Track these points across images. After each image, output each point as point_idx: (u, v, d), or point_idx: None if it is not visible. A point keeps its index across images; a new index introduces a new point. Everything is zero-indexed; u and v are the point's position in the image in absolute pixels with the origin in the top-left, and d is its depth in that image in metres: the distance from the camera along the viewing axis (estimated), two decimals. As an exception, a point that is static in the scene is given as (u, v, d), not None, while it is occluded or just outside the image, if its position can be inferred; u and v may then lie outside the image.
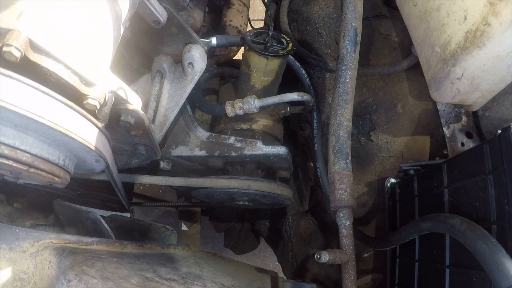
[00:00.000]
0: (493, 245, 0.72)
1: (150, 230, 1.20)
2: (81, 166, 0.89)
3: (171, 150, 1.32)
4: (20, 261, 0.77)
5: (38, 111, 0.64)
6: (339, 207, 1.05)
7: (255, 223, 1.92)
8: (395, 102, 1.38)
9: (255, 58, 1.29)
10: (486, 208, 0.82)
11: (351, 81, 1.11)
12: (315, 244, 1.59)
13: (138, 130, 0.94)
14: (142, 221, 1.22)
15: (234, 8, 1.71)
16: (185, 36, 1.16)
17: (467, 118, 1.25)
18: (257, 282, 1.09)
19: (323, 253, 0.97)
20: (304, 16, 1.54)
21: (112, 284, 0.74)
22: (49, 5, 0.69)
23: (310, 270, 1.58)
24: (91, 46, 0.78)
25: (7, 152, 0.66)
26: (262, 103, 1.28)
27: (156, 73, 1.21)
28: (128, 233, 1.17)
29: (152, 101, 1.17)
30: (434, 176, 1.03)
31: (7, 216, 1.14)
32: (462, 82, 1.00)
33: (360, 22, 1.13)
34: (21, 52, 0.61)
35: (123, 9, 0.88)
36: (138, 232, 1.19)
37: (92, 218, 0.99)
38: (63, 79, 0.69)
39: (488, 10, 0.85)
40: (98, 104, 0.73)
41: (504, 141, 0.79)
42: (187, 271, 0.92)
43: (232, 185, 1.28)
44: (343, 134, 1.08)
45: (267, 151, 1.27)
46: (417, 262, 1.05)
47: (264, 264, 2.90)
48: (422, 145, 1.34)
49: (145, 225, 1.20)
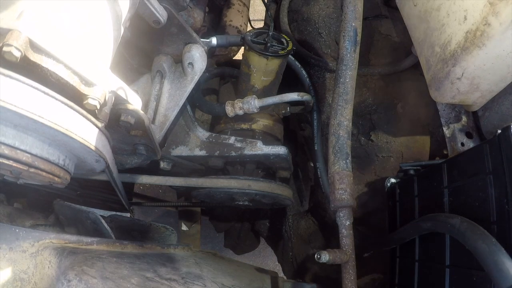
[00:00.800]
0: (493, 245, 0.72)
1: (150, 230, 1.20)
2: (81, 166, 0.89)
3: (171, 150, 1.32)
4: (20, 261, 0.77)
5: (38, 111, 0.64)
6: (339, 207, 1.05)
7: (255, 223, 1.92)
8: (395, 102, 1.38)
9: (255, 58, 1.29)
10: (486, 208, 0.82)
11: (351, 81, 1.11)
12: (315, 244, 1.59)
13: (138, 130, 0.94)
14: (142, 221, 1.22)
15: (234, 8, 1.71)
16: (185, 36, 1.16)
17: (467, 118, 1.25)
18: (257, 282, 1.09)
19: (323, 253, 0.97)
20: (304, 16, 1.54)
21: (112, 284, 0.74)
22: (49, 5, 0.69)
23: (310, 270, 1.58)
24: (91, 46, 0.78)
25: (7, 152, 0.66)
26: (262, 103, 1.28)
27: (156, 73, 1.21)
28: (128, 233, 1.17)
29: (152, 101, 1.17)
30: (434, 176, 1.03)
31: (7, 216, 1.15)
32: (462, 82, 1.00)
33: (360, 22, 1.13)
34: (21, 52, 0.61)
35: (123, 9, 0.88)
36: (138, 232, 1.19)
37: (92, 218, 0.99)
38: (63, 79, 0.69)
39: (488, 10, 0.84)
40: (98, 104, 0.73)
41: (504, 141, 0.79)
42: (187, 271, 0.92)
43: (232, 185, 1.28)
44: (343, 134, 1.08)
45: (267, 151, 1.27)
46: (417, 262, 1.05)
47: (264, 264, 2.90)
48: (422, 145, 1.34)
49: (145, 225, 1.20)
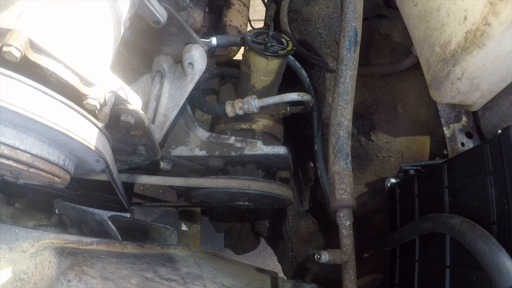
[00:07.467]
0: (493, 245, 0.72)
1: (151, 230, 1.20)
2: (81, 166, 0.89)
3: (171, 150, 1.32)
4: (20, 261, 0.76)
5: (38, 111, 0.64)
6: (339, 207, 1.05)
7: (255, 223, 1.91)
8: (395, 102, 1.38)
9: (255, 58, 1.29)
10: (486, 208, 0.82)
11: (351, 81, 1.11)
12: (315, 244, 1.59)
13: (138, 130, 0.94)
14: (142, 221, 1.22)
15: (234, 8, 1.71)
16: (185, 36, 1.16)
17: (467, 118, 1.25)
18: (257, 282, 1.09)
19: (323, 253, 0.97)
20: (304, 16, 1.54)
21: (112, 284, 0.74)
22: (49, 5, 0.69)
23: (310, 270, 1.58)
24: (91, 46, 0.78)
25: (7, 152, 0.66)
26: (262, 103, 1.28)
27: (156, 73, 1.21)
28: (129, 233, 1.16)
29: (152, 101, 1.17)
30: (434, 176, 1.03)
31: (11, 217, 1.15)
32: (462, 82, 1.00)
33: (360, 22, 1.13)
34: (21, 52, 0.61)
35: (123, 9, 0.88)
36: (139, 232, 1.19)
37: (98, 220, 0.98)
38: (63, 79, 0.69)
39: (488, 10, 0.84)
40: (98, 104, 0.73)
41: (504, 141, 0.79)
42: (187, 271, 0.92)
43: (232, 185, 1.28)
44: (343, 134, 1.07)
45: (267, 151, 1.27)
46: (417, 262, 1.05)
47: (264, 264, 2.90)
48: (422, 145, 1.34)
49: (146, 225, 1.20)
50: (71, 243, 0.83)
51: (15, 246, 0.77)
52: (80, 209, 1.04)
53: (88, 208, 1.06)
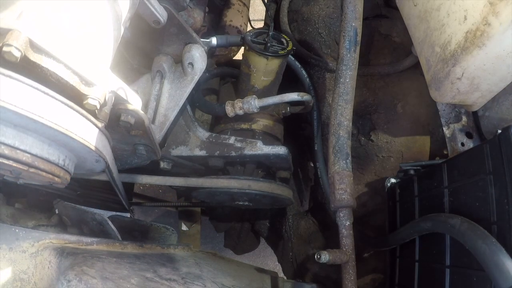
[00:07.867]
0: (493, 245, 0.72)
1: (151, 230, 1.20)
2: (81, 166, 0.89)
3: (171, 150, 1.32)
4: (20, 261, 0.76)
5: (38, 111, 0.64)
6: (339, 207, 1.05)
7: (255, 223, 1.92)
8: (395, 102, 1.38)
9: (255, 58, 1.29)
10: (486, 208, 0.82)
11: (351, 81, 1.11)
12: (315, 244, 1.59)
13: (138, 130, 0.94)
14: (142, 221, 1.22)
15: (234, 8, 1.71)
16: (185, 36, 1.16)
17: (467, 118, 1.25)
18: (257, 282, 1.09)
19: (323, 253, 0.97)
20: (304, 16, 1.54)
21: (112, 284, 0.74)
22: (49, 5, 0.69)
23: (310, 270, 1.58)
24: (91, 46, 0.78)
25: (7, 152, 0.66)
26: (262, 103, 1.28)
27: (156, 73, 1.21)
28: (129, 233, 1.16)
29: (152, 101, 1.17)
30: (434, 176, 1.03)
31: (11, 217, 1.15)
32: (462, 82, 1.00)
33: (360, 22, 1.13)
34: (21, 52, 0.61)
35: (123, 9, 0.88)
36: (139, 232, 1.19)
37: (98, 220, 0.98)
38: (63, 79, 0.69)
39: (488, 10, 0.84)
40: (98, 104, 0.73)
41: (504, 141, 0.79)
42: (187, 271, 0.92)
43: (232, 185, 1.28)
44: (343, 134, 1.08)
45: (267, 151, 1.27)
46: (417, 262, 1.05)
47: (264, 264, 2.90)
48: (422, 145, 1.34)
49: (146, 225, 1.20)
50: (71, 243, 0.83)
51: (15, 246, 0.77)
52: (80, 209, 1.04)
53: (88, 208, 1.06)
